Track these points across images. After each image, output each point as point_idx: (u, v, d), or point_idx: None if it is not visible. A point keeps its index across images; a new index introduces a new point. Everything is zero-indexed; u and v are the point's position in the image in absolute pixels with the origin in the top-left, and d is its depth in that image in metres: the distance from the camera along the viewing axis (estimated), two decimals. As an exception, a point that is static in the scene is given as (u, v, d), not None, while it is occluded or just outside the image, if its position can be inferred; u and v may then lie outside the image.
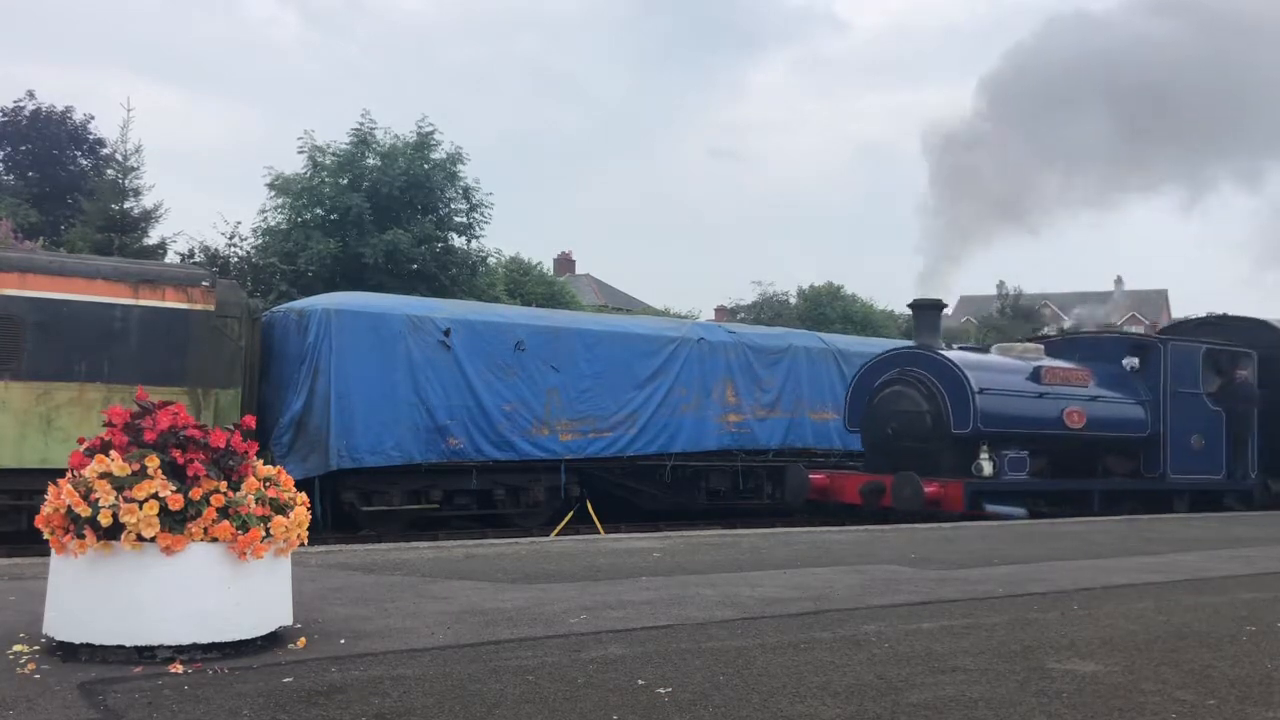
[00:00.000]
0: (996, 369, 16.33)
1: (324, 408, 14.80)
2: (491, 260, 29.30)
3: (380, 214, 25.69)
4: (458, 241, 27.61)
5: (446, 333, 15.91)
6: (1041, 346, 17.83)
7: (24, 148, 31.90)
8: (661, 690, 4.49)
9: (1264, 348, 18.93)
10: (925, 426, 15.61)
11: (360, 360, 15.12)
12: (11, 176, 31.68)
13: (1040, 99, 18.09)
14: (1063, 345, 18.23)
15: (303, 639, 5.17)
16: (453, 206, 27.41)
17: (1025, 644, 5.62)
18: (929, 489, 14.77)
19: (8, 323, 13.14)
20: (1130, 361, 17.48)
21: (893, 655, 5.28)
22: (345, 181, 25.88)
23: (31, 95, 32.38)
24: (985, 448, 15.31)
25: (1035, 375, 16.32)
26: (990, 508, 14.85)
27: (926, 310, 16.47)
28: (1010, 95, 18.19)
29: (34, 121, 31.96)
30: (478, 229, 27.83)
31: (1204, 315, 21.06)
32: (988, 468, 15.22)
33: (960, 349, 18.14)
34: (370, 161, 26.58)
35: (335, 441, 14.72)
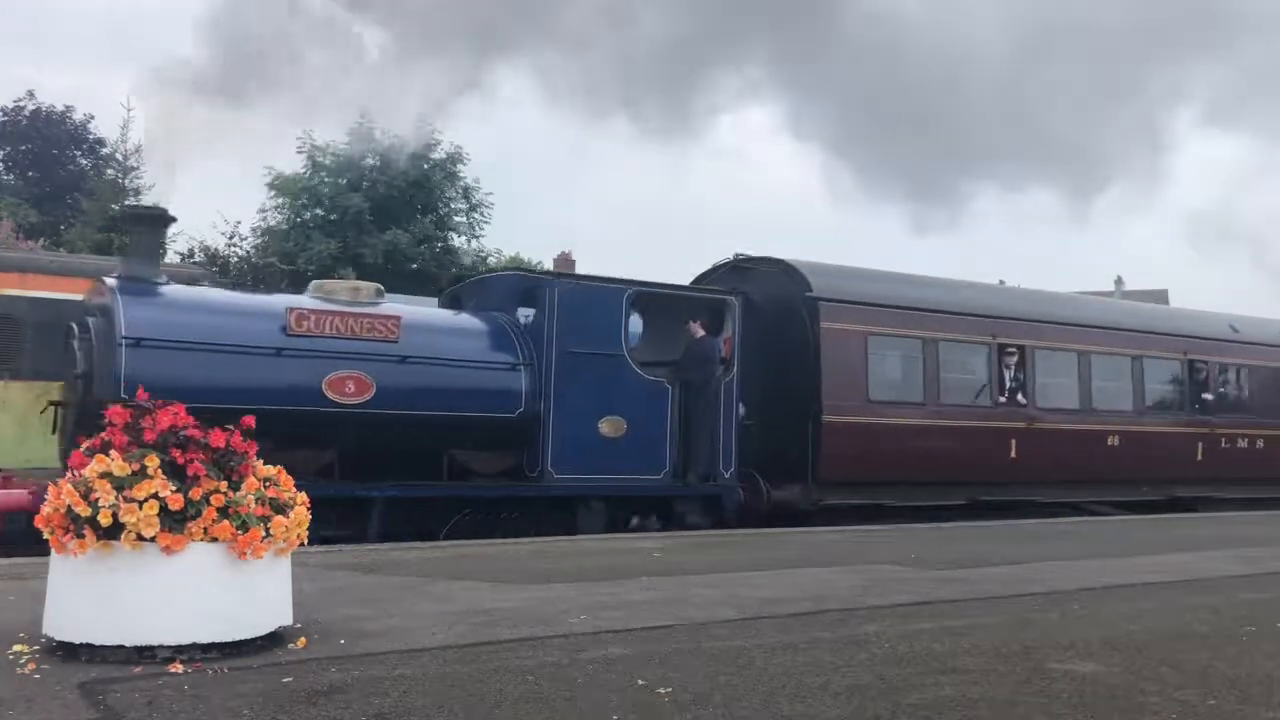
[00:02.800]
0: (201, 309, 10.71)
1: None
2: (492, 260, 29.34)
3: (380, 214, 25.71)
4: (458, 241, 27.64)
5: None
6: (378, 287, 12.24)
7: (24, 148, 31.91)
8: (661, 690, 4.49)
9: (772, 296, 14.32)
10: (79, 394, 10.17)
11: None
12: (11, 176, 31.69)
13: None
14: (466, 291, 13.33)
15: (303, 639, 5.16)
16: (453, 206, 27.42)
17: (1025, 644, 5.62)
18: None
19: (6, 322, 13.13)
20: (526, 312, 12.42)
21: (892, 655, 5.28)
22: (345, 182, 25.89)
23: (32, 95, 32.40)
24: None
25: (285, 325, 10.59)
26: None
27: (142, 223, 10.86)
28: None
29: (34, 121, 31.95)
30: (478, 229, 27.87)
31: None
32: None
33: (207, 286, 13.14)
34: (370, 162, 26.60)
35: None
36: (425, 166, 26.64)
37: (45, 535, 4.90)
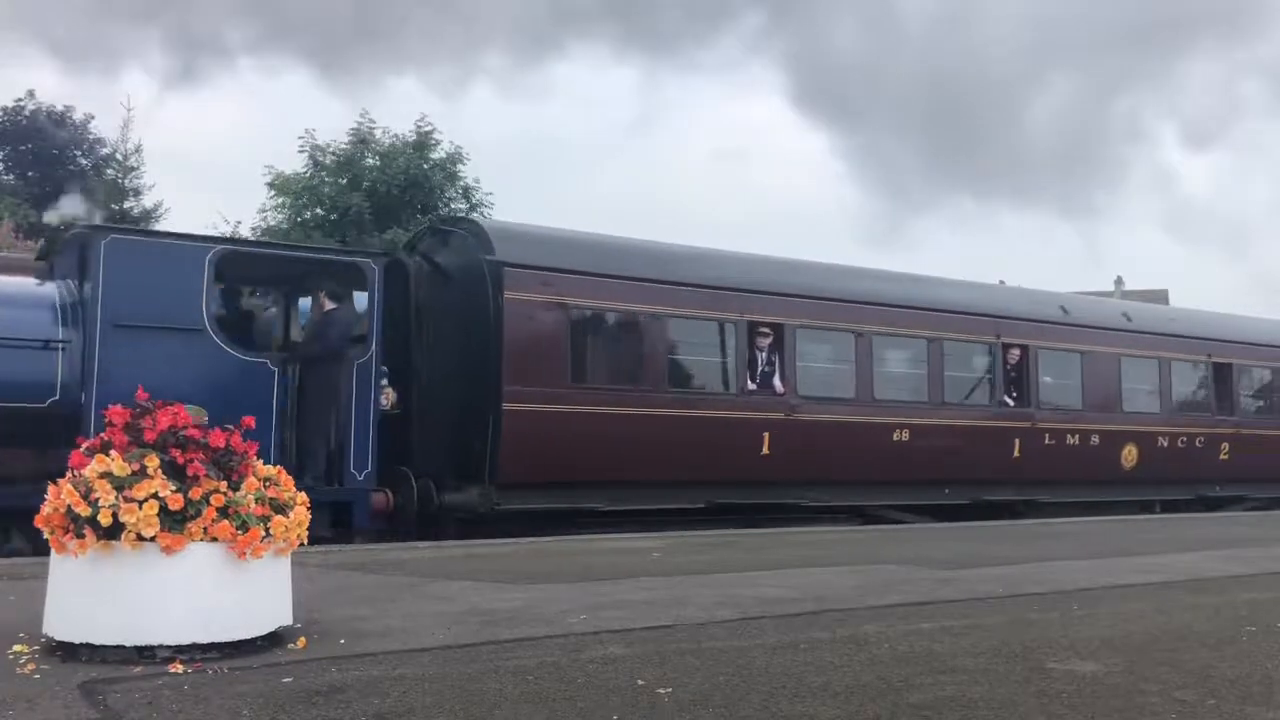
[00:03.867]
0: None
1: None
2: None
3: (380, 213, 25.72)
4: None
5: None
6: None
7: (24, 147, 31.91)
8: (661, 690, 4.49)
9: (462, 265, 12.35)
10: None
11: None
12: (11, 176, 31.68)
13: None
14: (58, 252, 11.07)
15: (303, 639, 5.16)
16: (452, 206, 27.43)
17: (1025, 644, 5.62)
18: None
19: None
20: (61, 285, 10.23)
21: (893, 655, 5.28)
22: (345, 181, 25.90)
23: (32, 95, 32.38)
24: None
25: None
26: None
27: None
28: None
29: (34, 121, 31.94)
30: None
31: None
32: None
33: None
34: (370, 161, 26.60)
35: None
36: (425, 166, 26.65)
37: (45, 535, 4.90)
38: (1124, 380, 16.94)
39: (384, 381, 11.22)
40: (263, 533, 4.93)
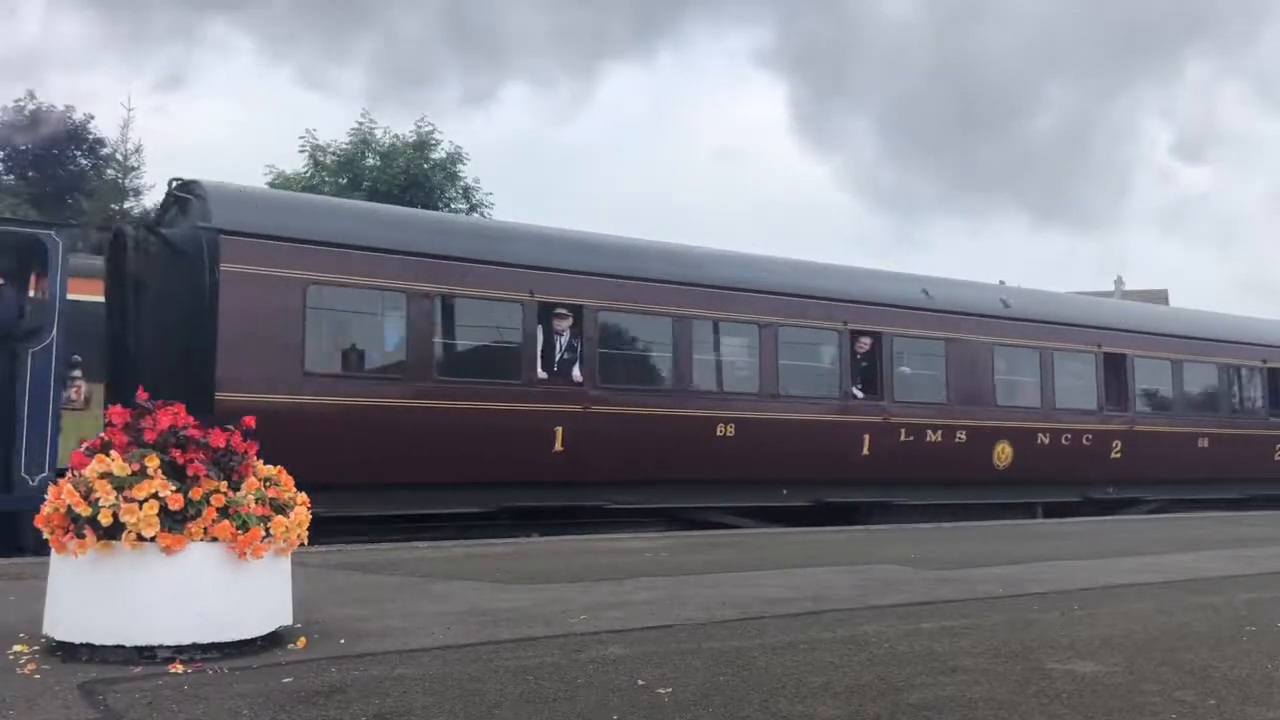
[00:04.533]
0: None
1: None
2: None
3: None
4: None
5: None
6: None
7: (24, 147, 31.91)
8: (661, 690, 4.49)
9: (191, 235, 10.85)
10: None
11: None
12: (12, 176, 31.69)
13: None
14: None
15: (303, 639, 5.17)
16: (453, 206, 27.45)
17: (1025, 644, 5.62)
18: None
19: None
20: None
21: (893, 655, 5.28)
22: (345, 181, 25.92)
23: (32, 95, 32.38)
24: None
25: None
26: None
27: None
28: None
29: (34, 121, 31.94)
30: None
31: None
32: None
33: None
34: (370, 161, 26.63)
35: None
36: (425, 166, 26.68)
37: (45, 535, 4.90)
38: (998, 372, 15.66)
39: (76, 373, 10.17)
40: (263, 533, 4.93)
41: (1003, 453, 15.52)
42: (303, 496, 5.27)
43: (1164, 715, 4.31)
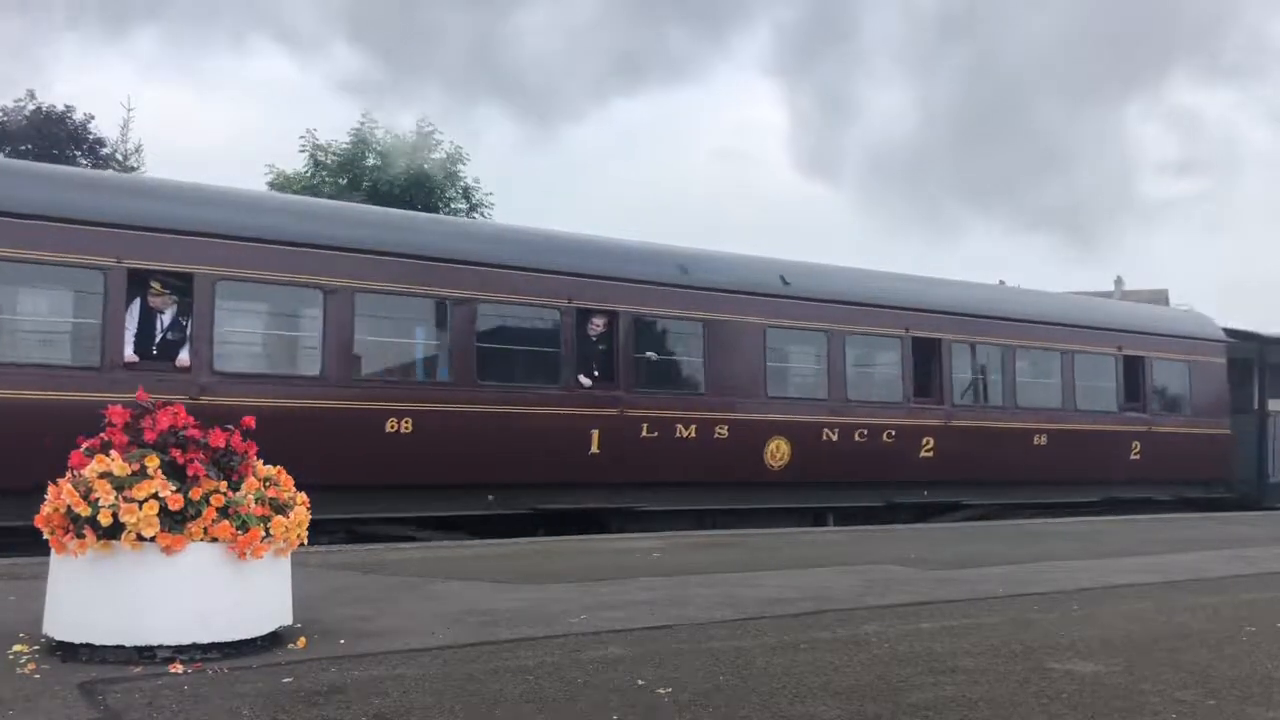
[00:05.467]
0: None
1: None
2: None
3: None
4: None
5: None
6: None
7: (24, 147, 31.90)
8: (661, 690, 4.49)
9: None
10: None
11: None
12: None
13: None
14: None
15: (303, 639, 5.17)
16: (453, 206, 27.46)
17: (1025, 644, 5.62)
18: None
19: None
20: None
21: (893, 655, 5.28)
22: (345, 181, 25.94)
23: (32, 95, 32.37)
24: None
25: None
26: None
27: None
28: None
29: (34, 121, 31.95)
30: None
31: None
32: None
33: None
34: (370, 161, 26.65)
35: None
36: (425, 166, 26.69)
37: (45, 535, 4.90)
38: (771, 358, 13.52)
39: None
40: (263, 533, 4.93)
41: (777, 451, 13.32)
42: (302, 496, 5.27)
43: (1164, 715, 4.31)
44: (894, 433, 14.33)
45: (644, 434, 12.38)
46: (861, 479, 14.04)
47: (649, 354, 12.84)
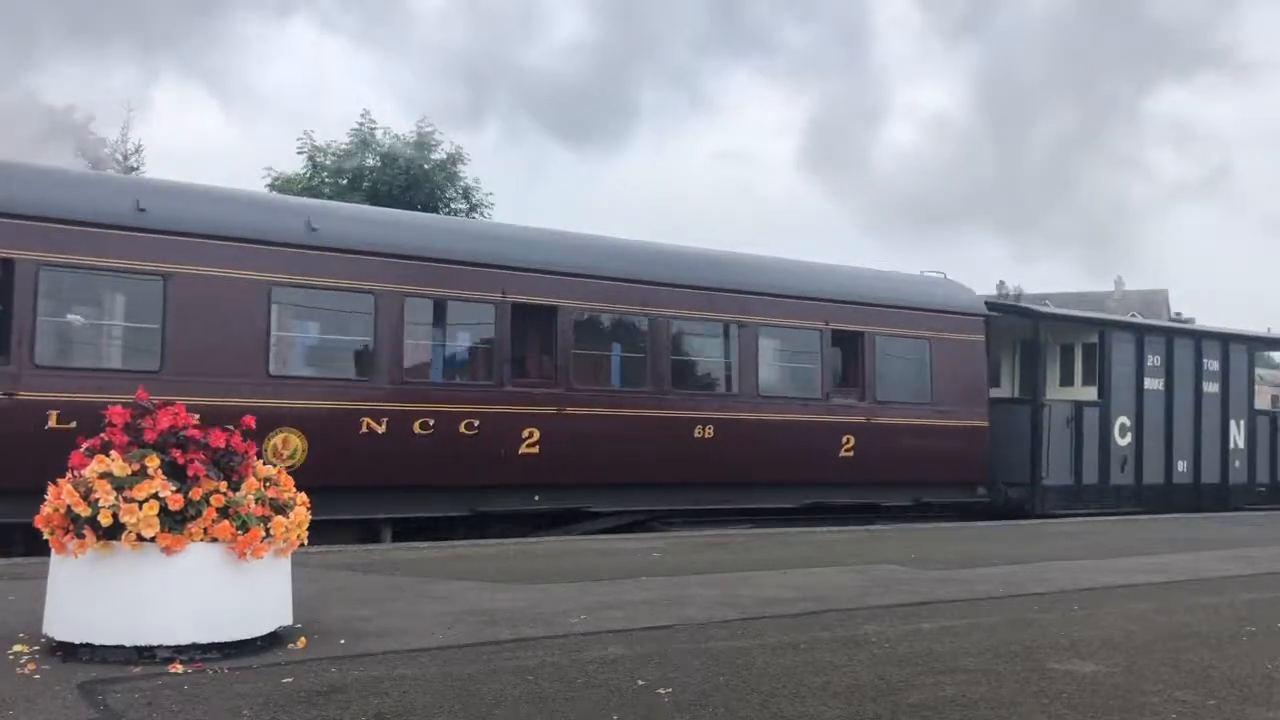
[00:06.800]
0: None
1: None
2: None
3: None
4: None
5: None
6: None
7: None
8: (661, 690, 4.48)
9: None
10: None
11: None
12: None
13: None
14: None
15: (303, 639, 5.16)
16: (453, 207, 27.44)
17: (1025, 644, 5.62)
18: None
19: None
20: None
21: (893, 655, 5.28)
22: (345, 182, 25.93)
23: (32, 96, 32.35)
24: None
25: None
26: None
27: None
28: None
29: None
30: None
31: None
32: None
33: None
34: (370, 162, 26.63)
35: None
36: (425, 166, 26.66)
37: (45, 535, 4.90)
38: (279, 326, 10.68)
39: None
40: (263, 533, 4.92)
41: (284, 446, 10.26)
42: (302, 497, 5.27)
43: (1164, 715, 4.31)
44: (477, 423, 11.22)
45: (52, 424, 9.26)
46: (423, 482, 10.98)
47: (73, 317, 10.12)
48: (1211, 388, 17.59)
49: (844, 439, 13.72)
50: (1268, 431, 18.71)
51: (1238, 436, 18.03)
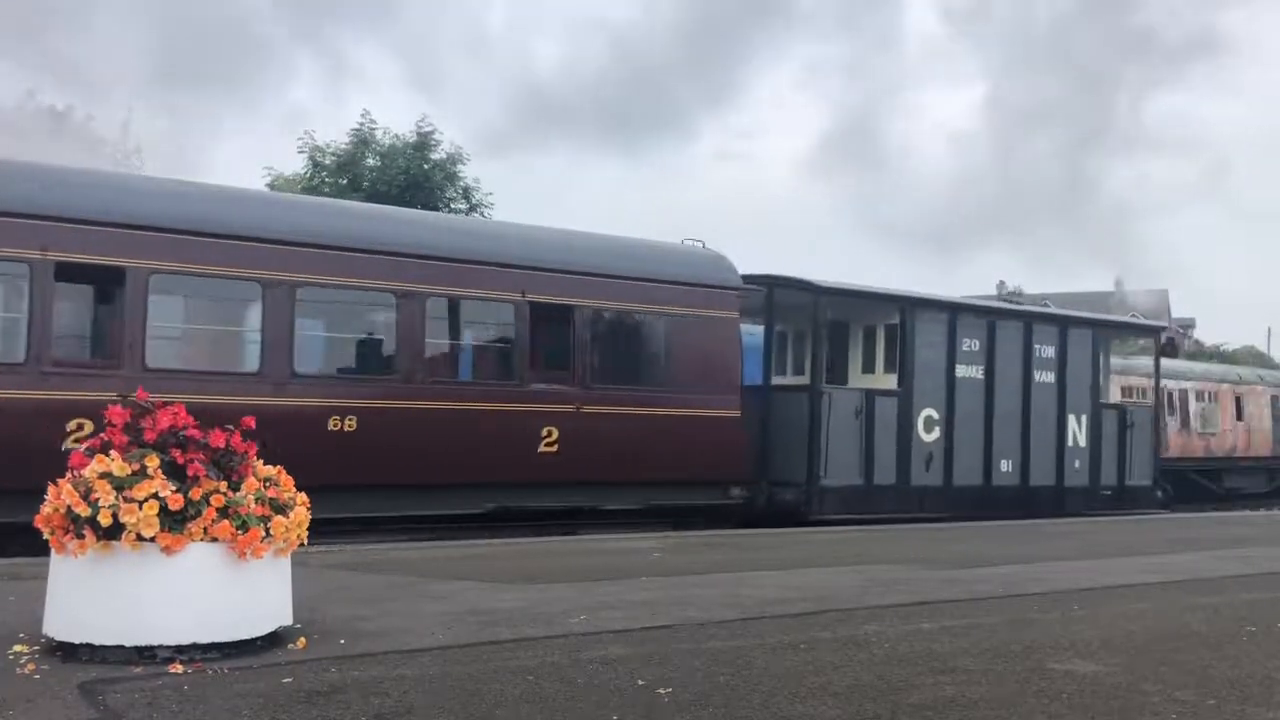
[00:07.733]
0: None
1: None
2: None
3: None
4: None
5: None
6: None
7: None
8: (662, 690, 4.48)
9: None
10: None
11: None
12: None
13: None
14: None
15: (303, 639, 5.16)
16: (453, 207, 27.45)
17: (1025, 644, 5.62)
18: None
19: None
20: None
21: (893, 655, 5.28)
22: (345, 182, 25.93)
23: (32, 95, 32.35)
24: None
25: None
26: None
27: None
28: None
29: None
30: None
31: None
32: None
33: None
34: (370, 162, 26.64)
35: None
36: (425, 166, 26.67)
37: (45, 535, 4.90)
38: None
39: None
40: (263, 533, 4.92)
41: None
42: (302, 496, 5.27)
43: (1164, 715, 4.31)
44: None
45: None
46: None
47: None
48: (1045, 377, 15.61)
49: (543, 431, 11.79)
50: (1115, 428, 16.40)
51: (1078, 433, 15.93)
